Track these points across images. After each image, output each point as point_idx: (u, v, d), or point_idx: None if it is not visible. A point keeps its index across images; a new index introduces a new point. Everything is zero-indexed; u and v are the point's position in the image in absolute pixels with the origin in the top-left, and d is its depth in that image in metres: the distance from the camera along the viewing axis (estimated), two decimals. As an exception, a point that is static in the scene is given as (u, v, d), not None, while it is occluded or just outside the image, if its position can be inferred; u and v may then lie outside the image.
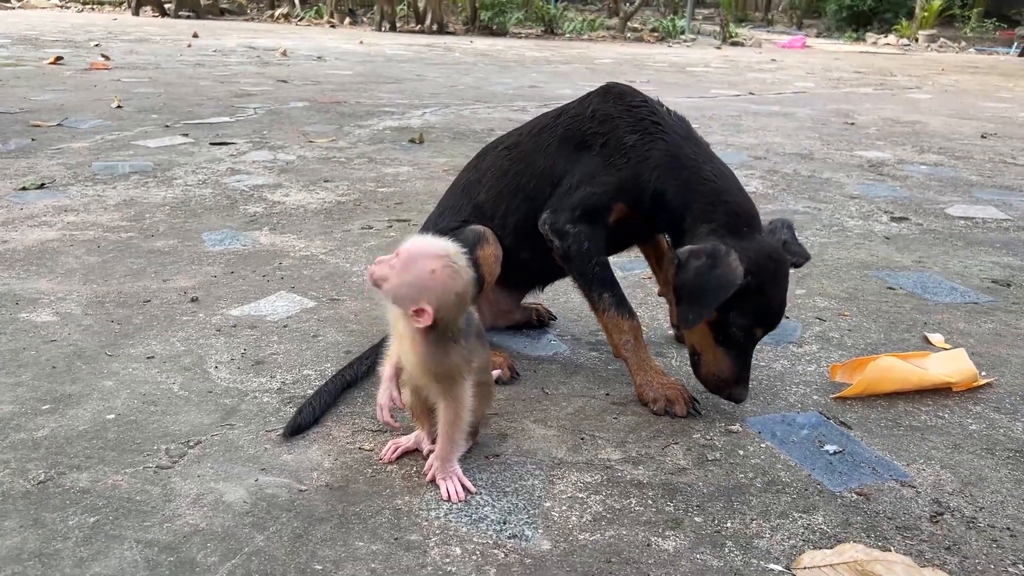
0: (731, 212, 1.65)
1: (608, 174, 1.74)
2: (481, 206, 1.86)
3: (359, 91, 6.44)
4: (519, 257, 1.84)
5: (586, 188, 1.74)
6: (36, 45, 9.23)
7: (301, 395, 1.68)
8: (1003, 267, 2.63)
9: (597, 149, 1.76)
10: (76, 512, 1.29)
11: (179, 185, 3.35)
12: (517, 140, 1.90)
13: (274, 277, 2.34)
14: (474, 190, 1.89)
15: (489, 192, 1.86)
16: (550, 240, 1.75)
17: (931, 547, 1.27)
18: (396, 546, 1.24)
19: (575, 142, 1.79)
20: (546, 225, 1.76)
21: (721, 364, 1.63)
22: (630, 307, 1.74)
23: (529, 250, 1.83)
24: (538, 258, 1.83)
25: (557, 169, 1.79)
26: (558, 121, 1.84)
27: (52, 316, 2.02)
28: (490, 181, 1.87)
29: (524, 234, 1.82)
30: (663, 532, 1.29)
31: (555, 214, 1.75)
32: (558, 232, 1.74)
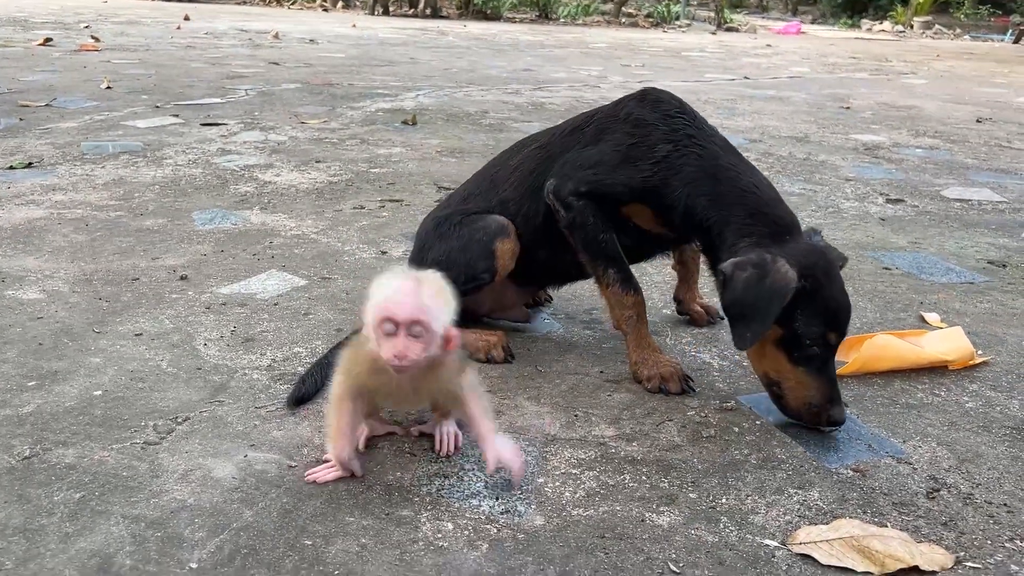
0: (772, 223, 1.57)
1: (628, 173, 1.67)
2: (507, 202, 1.83)
3: (352, 73, 6.39)
4: (537, 255, 1.82)
5: (601, 174, 1.69)
6: (25, 26, 9.13)
7: (292, 372, 1.66)
8: (999, 248, 2.62)
9: (625, 148, 1.69)
10: (61, 488, 1.27)
11: (169, 165, 3.31)
12: (549, 140, 1.85)
13: (264, 256, 2.32)
14: (502, 185, 1.86)
15: (516, 189, 1.83)
16: (555, 209, 1.72)
17: (928, 523, 1.26)
18: (387, 521, 1.22)
19: (597, 133, 1.76)
20: (550, 193, 1.71)
21: (808, 387, 1.48)
22: (636, 283, 1.71)
23: (548, 249, 1.80)
24: (555, 258, 1.81)
25: (571, 154, 1.76)
26: (590, 122, 1.79)
27: (39, 294, 1.99)
28: (517, 179, 1.84)
29: (545, 233, 1.78)
30: (657, 508, 1.27)
31: (561, 181, 1.71)
32: (562, 201, 1.70)
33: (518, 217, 1.81)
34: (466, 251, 1.77)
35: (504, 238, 1.77)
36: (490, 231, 1.78)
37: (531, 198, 1.79)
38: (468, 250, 1.77)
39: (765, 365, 1.53)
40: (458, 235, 1.81)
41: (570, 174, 1.71)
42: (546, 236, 1.78)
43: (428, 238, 1.87)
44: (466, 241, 1.79)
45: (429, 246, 1.84)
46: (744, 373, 1.72)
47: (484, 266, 1.76)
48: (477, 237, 1.78)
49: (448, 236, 1.82)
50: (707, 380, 1.69)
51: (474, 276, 1.75)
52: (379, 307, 1.23)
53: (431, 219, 1.92)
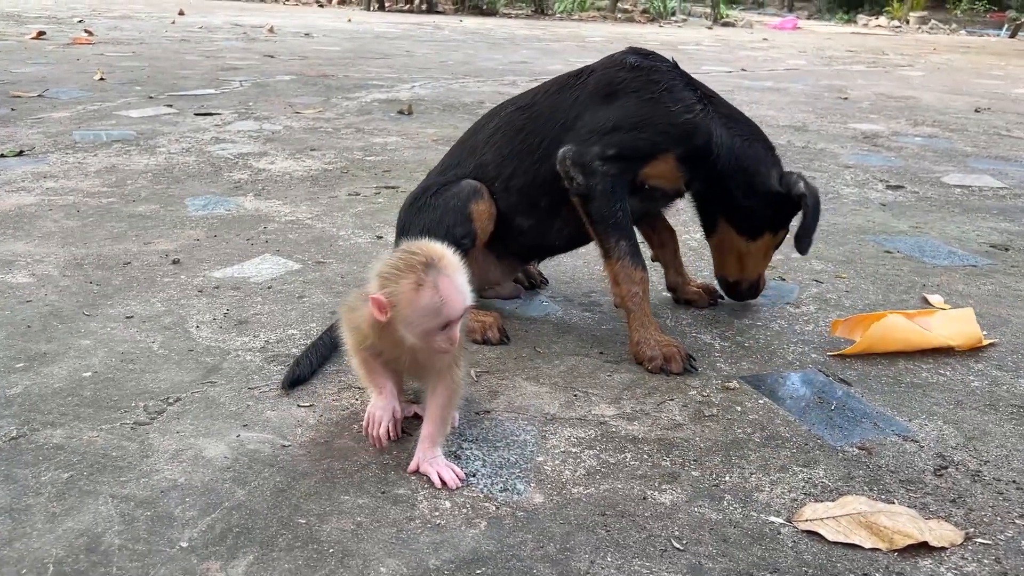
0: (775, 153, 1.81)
1: (665, 122, 1.66)
2: (486, 165, 1.78)
3: (347, 65, 6.35)
4: (517, 224, 1.78)
5: (632, 130, 1.66)
6: (19, 21, 9.08)
7: (286, 354, 1.63)
8: (1000, 232, 2.59)
9: (655, 97, 1.68)
10: (49, 468, 1.24)
11: (162, 153, 3.27)
12: (532, 100, 1.80)
13: (258, 241, 2.28)
14: (480, 149, 1.81)
15: (497, 151, 1.77)
16: (570, 177, 1.66)
17: (936, 500, 1.23)
18: (383, 500, 1.19)
19: (606, 93, 1.71)
20: (568, 159, 1.65)
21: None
22: (643, 260, 1.69)
23: (530, 217, 1.77)
24: (537, 227, 1.77)
25: (583, 120, 1.70)
26: (582, 79, 1.75)
27: (28, 277, 1.96)
28: (499, 140, 1.78)
29: (528, 198, 1.75)
30: (659, 486, 1.25)
31: (582, 146, 1.65)
32: (584, 167, 1.64)
33: (497, 181, 1.76)
34: (443, 221, 1.73)
35: (478, 199, 1.73)
36: (463, 195, 1.73)
37: (514, 161, 1.75)
38: (444, 219, 1.73)
39: (764, 265, 1.89)
40: (432, 206, 1.76)
41: (592, 138, 1.66)
42: (529, 203, 1.75)
43: (407, 216, 1.83)
44: (441, 211, 1.74)
45: (408, 223, 1.80)
46: (746, 353, 1.69)
47: (462, 231, 1.71)
48: (451, 204, 1.73)
49: (424, 209, 1.78)
50: (708, 360, 1.66)
51: (456, 242, 1.63)
52: (448, 314, 1.20)
53: (409, 197, 1.88)
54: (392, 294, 1.19)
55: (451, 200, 1.74)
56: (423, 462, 1.25)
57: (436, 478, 1.23)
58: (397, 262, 1.21)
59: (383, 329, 1.26)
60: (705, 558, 1.09)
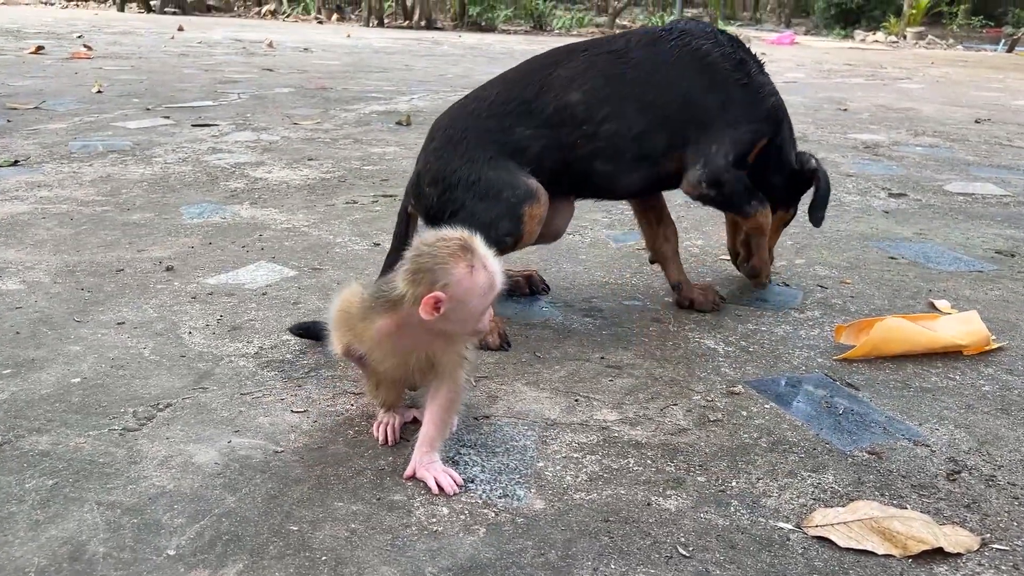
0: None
1: (759, 107, 1.79)
2: (572, 106, 1.71)
3: (346, 79, 6.34)
4: (594, 167, 1.74)
5: (738, 127, 1.76)
6: (18, 37, 9.09)
7: (280, 359, 1.59)
8: (1006, 238, 2.56)
9: (741, 81, 1.77)
10: (34, 475, 1.20)
11: (158, 163, 3.25)
12: (625, 47, 1.77)
13: (254, 248, 2.25)
14: (563, 88, 1.72)
15: (590, 93, 1.72)
16: (705, 196, 1.78)
17: (949, 505, 1.19)
18: (378, 506, 1.15)
19: (700, 67, 1.75)
20: (703, 183, 1.76)
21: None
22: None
23: (610, 163, 1.74)
24: (613, 174, 1.76)
25: (700, 103, 1.75)
26: (674, 37, 1.77)
27: (19, 284, 1.92)
28: (593, 83, 1.72)
29: (616, 147, 1.73)
30: (664, 492, 1.21)
31: (708, 166, 1.76)
32: (718, 184, 1.76)
33: (587, 124, 1.71)
34: (490, 209, 1.67)
35: (534, 203, 1.68)
36: (520, 193, 1.67)
37: (612, 106, 1.71)
38: (492, 209, 1.67)
39: (774, 241, 2.04)
40: (482, 181, 1.68)
41: (713, 151, 1.74)
42: (616, 151, 1.73)
43: (446, 152, 1.73)
44: (491, 199, 1.67)
45: (446, 162, 1.71)
46: (751, 358, 1.66)
47: (508, 229, 1.67)
48: (505, 196, 1.67)
49: (471, 166, 1.69)
50: (712, 365, 1.62)
51: (496, 239, 1.60)
52: (497, 285, 1.18)
53: (454, 128, 1.76)
54: (448, 286, 1.14)
55: (505, 191, 1.67)
56: (420, 467, 1.21)
57: (433, 484, 1.19)
58: (433, 257, 1.15)
59: (398, 338, 1.22)
60: (712, 565, 1.05)
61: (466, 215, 1.67)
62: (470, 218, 1.64)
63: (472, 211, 1.68)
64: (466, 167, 1.71)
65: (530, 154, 1.72)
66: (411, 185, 1.81)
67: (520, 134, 1.72)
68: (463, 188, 1.70)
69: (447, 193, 1.71)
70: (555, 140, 1.72)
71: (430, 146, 1.79)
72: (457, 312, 1.16)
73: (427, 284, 1.14)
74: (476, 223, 1.52)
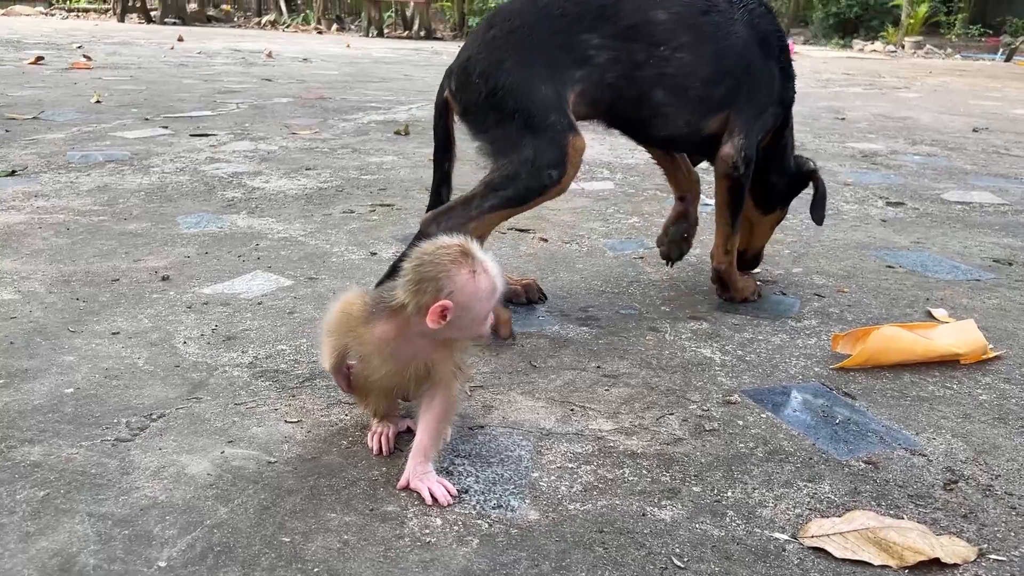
0: None
1: (785, 96, 1.90)
2: (653, 25, 1.70)
3: (345, 88, 6.35)
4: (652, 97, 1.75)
5: (769, 109, 1.86)
6: (18, 47, 9.11)
7: (275, 369, 1.58)
8: (1003, 247, 2.56)
9: (783, 67, 1.88)
10: (25, 486, 1.19)
11: (156, 173, 3.25)
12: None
13: (250, 258, 2.25)
14: (646, 1, 1.71)
15: (676, 19, 1.72)
16: (735, 167, 1.81)
17: (946, 515, 1.18)
18: (371, 517, 1.14)
19: (761, 39, 1.83)
20: (742, 153, 1.80)
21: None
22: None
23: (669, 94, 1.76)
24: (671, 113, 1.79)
25: (757, 72, 1.82)
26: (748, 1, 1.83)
27: (13, 294, 1.92)
28: (680, 9, 1.73)
29: (677, 80, 1.74)
30: (659, 502, 1.20)
31: (748, 138, 1.81)
32: (748, 161, 1.82)
33: (654, 50, 1.70)
34: (535, 143, 1.62)
35: (578, 136, 1.65)
36: (565, 122, 1.64)
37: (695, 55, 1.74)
38: (537, 142, 1.62)
39: (767, 237, 2.13)
40: (519, 112, 1.62)
41: (752, 128, 1.82)
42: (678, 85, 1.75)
43: (504, 59, 1.65)
44: (534, 129, 1.62)
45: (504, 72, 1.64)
46: (747, 367, 1.65)
47: (554, 161, 1.63)
48: (552, 120, 1.62)
49: (523, 85, 1.63)
50: (709, 374, 1.61)
51: (539, 173, 1.63)
52: (499, 287, 1.20)
53: (521, 20, 1.69)
54: (452, 293, 1.15)
55: (553, 114, 1.63)
56: (414, 477, 1.20)
57: (427, 494, 1.18)
58: (436, 265, 1.16)
59: (399, 345, 1.22)
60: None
61: (510, 135, 1.63)
62: (513, 141, 1.62)
63: (517, 132, 1.63)
64: (519, 72, 1.63)
65: (592, 64, 1.68)
66: (458, 69, 1.71)
67: (587, 41, 1.67)
68: (512, 98, 1.63)
69: (495, 96, 1.63)
70: (624, 55, 1.68)
71: (488, 34, 1.70)
72: (462, 319, 1.17)
73: (432, 293, 1.15)
74: (518, 150, 1.60)
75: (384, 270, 2.15)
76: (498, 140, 1.65)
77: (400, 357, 1.24)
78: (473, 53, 1.70)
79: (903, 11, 16.14)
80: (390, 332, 1.22)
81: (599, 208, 2.91)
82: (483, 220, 1.66)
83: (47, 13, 17.86)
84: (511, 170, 1.63)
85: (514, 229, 2.58)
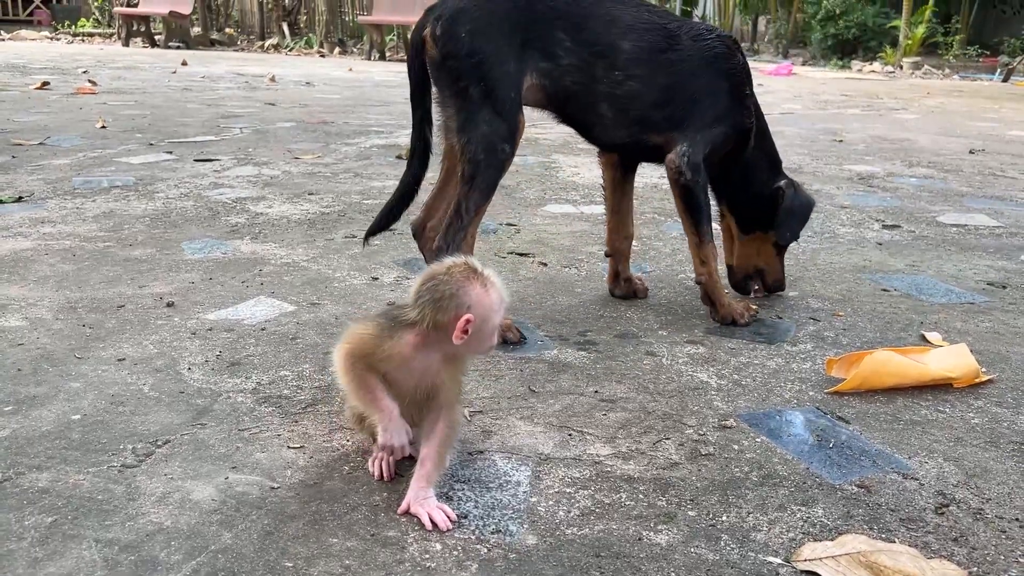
0: (779, 160, 2.16)
1: (740, 117, 2.00)
2: (617, 51, 1.90)
3: (347, 112, 6.42)
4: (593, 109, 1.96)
5: (722, 126, 1.97)
6: (24, 72, 9.20)
7: (277, 395, 1.61)
8: (998, 270, 2.59)
9: (736, 89, 1.99)
10: (33, 512, 1.22)
11: (160, 198, 3.29)
12: (677, 30, 1.96)
13: (253, 283, 2.28)
14: (619, 30, 1.91)
15: (637, 52, 1.91)
16: (680, 172, 1.92)
17: (937, 538, 1.20)
18: (372, 542, 1.17)
19: (718, 72, 1.97)
20: (685, 159, 1.92)
21: (779, 271, 2.21)
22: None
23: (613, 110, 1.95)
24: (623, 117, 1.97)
25: (702, 93, 1.96)
26: (709, 36, 1.99)
27: (21, 321, 1.95)
28: (643, 43, 1.92)
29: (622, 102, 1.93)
30: (655, 526, 1.22)
31: (692, 147, 1.93)
32: (695, 167, 1.93)
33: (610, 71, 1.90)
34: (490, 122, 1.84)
35: (522, 116, 1.90)
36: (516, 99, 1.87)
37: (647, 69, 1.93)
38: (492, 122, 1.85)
39: (760, 259, 2.18)
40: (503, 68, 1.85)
41: (699, 136, 1.93)
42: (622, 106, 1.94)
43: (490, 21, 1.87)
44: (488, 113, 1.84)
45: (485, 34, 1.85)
46: (743, 391, 1.68)
47: (507, 137, 1.87)
48: (510, 96, 1.86)
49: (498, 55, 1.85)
50: (705, 399, 1.64)
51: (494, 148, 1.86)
52: (504, 298, 1.27)
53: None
54: (471, 307, 1.22)
55: (512, 90, 1.85)
56: (415, 502, 1.23)
57: (427, 520, 1.20)
58: (451, 282, 1.23)
59: (418, 358, 1.27)
60: (702, 600, 1.06)
61: (473, 103, 1.83)
62: (472, 113, 1.83)
63: (479, 100, 1.83)
64: (499, 42, 1.84)
65: (556, 62, 1.89)
66: (447, 16, 1.86)
67: (561, 41, 1.88)
68: (487, 65, 1.82)
69: (473, 58, 1.82)
70: (585, 65, 1.89)
71: None
72: (482, 331, 1.25)
73: (454, 309, 1.22)
74: (477, 125, 1.82)
75: (385, 295, 2.18)
76: (462, 108, 1.85)
77: (415, 372, 1.28)
78: (468, 6, 1.86)
79: (901, 32, 16.27)
80: (417, 341, 1.26)
81: (598, 232, 2.94)
82: (475, 219, 1.90)
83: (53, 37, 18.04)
84: (472, 153, 1.85)
85: (514, 254, 2.62)
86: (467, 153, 1.85)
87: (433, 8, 1.90)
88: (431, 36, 1.87)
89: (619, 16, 1.92)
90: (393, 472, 1.33)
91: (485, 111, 1.83)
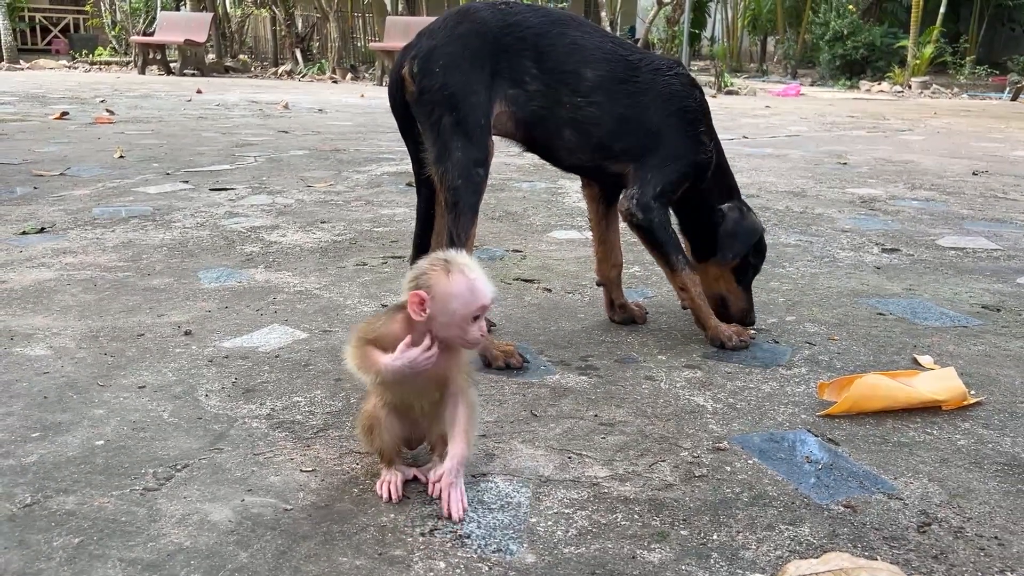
0: (736, 190, 2.22)
1: (694, 157, 2.08)
2: (580, 79, 2.00)
3: (359, 140, 6.54)
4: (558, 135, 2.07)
5: (674, 164, 2.04)
6: (43, 102, 9.40)
7: (290, 420, 1.69)
8: (993, 293, 2.64)
9: (691, 134, 2.07)
10: (61, 533, 1.29)
11: (177, 228, 3.39)
12: (639, 62, 2.06)
13: (268, 311, 2.36)
14: (582, 58, 2.01)
15: (597, 81, 2.02)
16: (631, 214, 2.02)
17: (918, 556, 1.26)
18: (380, 561, 1.24)
19: (666, 98, 2.05)
20: (634, 201, 2.03)
21: (743, 300, 2.20)
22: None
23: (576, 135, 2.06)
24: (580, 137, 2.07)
25: (657, 129, 2.05)
26: (668, 71, 2.08)
27: (46, 350, 2.04)
28: (605, 72, 2.02)
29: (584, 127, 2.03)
30: (649, 545, 1.28)
31: (643, 189, 2.03)
32: (644, 207, 2.02)
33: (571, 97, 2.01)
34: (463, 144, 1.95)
35: (491, 139, 2.02)
36: (486, 125, 1.98)
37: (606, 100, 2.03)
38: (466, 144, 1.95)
39: (721, 286, 2.20)
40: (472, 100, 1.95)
41: (651, 180, 2.02)
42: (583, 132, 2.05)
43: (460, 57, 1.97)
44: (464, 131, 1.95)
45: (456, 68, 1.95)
46: (738, 415, 1.74)
47: (482, 159, 1.98)
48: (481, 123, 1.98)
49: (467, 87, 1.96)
50: (700, 422, 1.70)
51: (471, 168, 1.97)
52: (479, 298, 1.35)
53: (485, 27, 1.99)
54: (428, 285, 1.34)
55: (482, 118, 1.96)
56: (447, 476, 1.35)
57: (446, 504, 1.33)
58: (423, 266, 1.38)
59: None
60: (690, 614, 1.12)
61: (446, 135, 1.94)
62: (446, 143, 1.94)
63: (451, 131, 1.93)
64: (470, 75, 1.95)
65: (524, 88, 2.00)
66: (423, 54, 1.97)
67: (527, 69, 1.99)
68: (459, 97, 1.93)
69: (446, 91, 1.93)
70: (551, 92, 2.00)
71: (457, 29, 1.98)
72: (442, 313, 1.34)
73: (414, 287, 1.36)
74: (451, 153, 1.92)
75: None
76: (437, 139, 1.95)
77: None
78: (440, 44, 1.97)
79: (909, 52, 16.35)
80: (403, 318, 1.39)
81: (602, 258, 3.01)
82: (467, 243, 1.97)
83: (70, 66, 18.38)
84: (451, 180, 1.95)
85: (520, 280, 2.70)
86: (446, 181, 1.95)
87: (409, 47, 2.02)
88: (408, 74, 1.98)
89: (583, 45, 2.03)
90: (401, 494, 1.40)
91: (458, 139, 1.93)
